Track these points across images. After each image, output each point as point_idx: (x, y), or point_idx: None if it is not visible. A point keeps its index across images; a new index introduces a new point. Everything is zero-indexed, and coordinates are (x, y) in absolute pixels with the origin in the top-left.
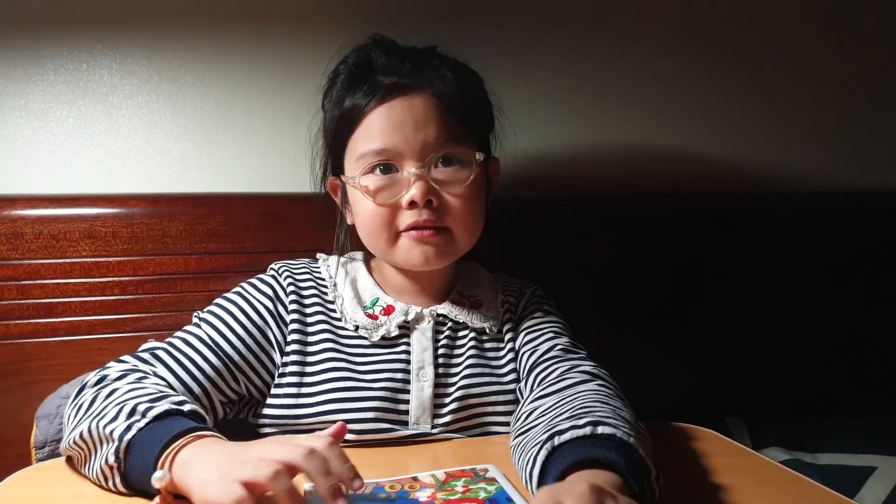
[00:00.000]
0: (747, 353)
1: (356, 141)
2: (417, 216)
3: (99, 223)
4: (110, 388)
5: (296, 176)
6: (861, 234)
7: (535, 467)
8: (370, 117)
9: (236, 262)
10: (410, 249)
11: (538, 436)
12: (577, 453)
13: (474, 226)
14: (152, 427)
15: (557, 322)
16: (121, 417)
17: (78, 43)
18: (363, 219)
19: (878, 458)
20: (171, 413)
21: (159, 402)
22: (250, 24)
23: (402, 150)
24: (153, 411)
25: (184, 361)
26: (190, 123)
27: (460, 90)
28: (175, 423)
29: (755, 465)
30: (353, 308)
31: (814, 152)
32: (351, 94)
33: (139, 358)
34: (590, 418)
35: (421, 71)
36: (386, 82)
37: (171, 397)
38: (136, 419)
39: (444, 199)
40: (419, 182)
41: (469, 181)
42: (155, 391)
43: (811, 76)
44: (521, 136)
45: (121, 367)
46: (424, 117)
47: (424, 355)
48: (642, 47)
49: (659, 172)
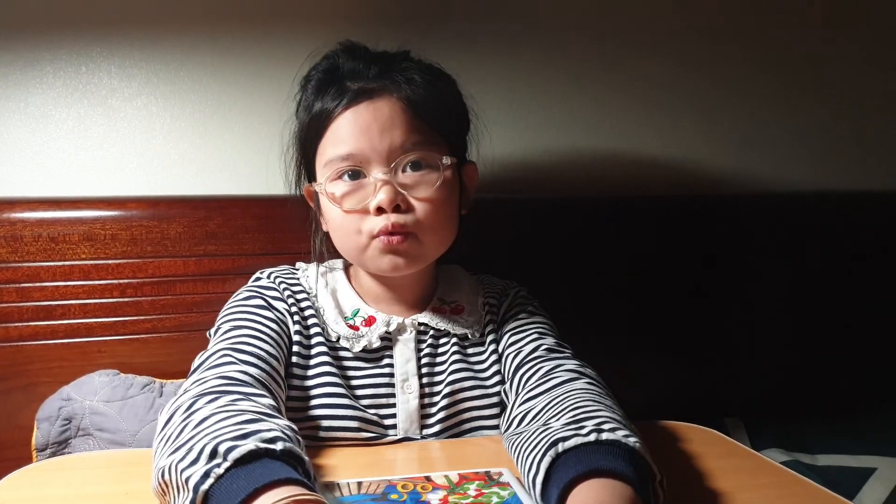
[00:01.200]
0: (746, 355)
1: (324, 146)
2: (386, 221)
3: (98, 226)
4: (201, 416)
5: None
6: (860, 233)
7: (539, 475)
8: (337, 122)
9: (235, 264)
10: (379, 257)
11: (537, 439)
12: (583, 463)
13: (444, 230)
14: (233, 474)
15: (542, 322)
16: (201, 461)
17: (77, 46)
18: (333, 225)
19: (877, 459)
20: (259, 455)
21: (245, 440)
22: (249, 27)
23: (369, 155)
24: (235, 452)
25: (253, 351)
26: (189, 126)
27: (429, 93)
28: (258, 472)
29: (756, 466)
30: (335, 319)
31: (810, 153)
32: (319, 99)
33: (226, 357)
34: (591, 424)
35: (388, 74)
36: (353, 87)
37: (263, 431)
38: (216, 463)
39: (412, 203)
40: (386, 187)
41: (437, 185)
42: (249, 417)
43: (801, 78)
44: (511, 137)
45: (216, 381)
46: (390, 121)
47: (408, 367)
48: (630, 49)
49: (652, 174)
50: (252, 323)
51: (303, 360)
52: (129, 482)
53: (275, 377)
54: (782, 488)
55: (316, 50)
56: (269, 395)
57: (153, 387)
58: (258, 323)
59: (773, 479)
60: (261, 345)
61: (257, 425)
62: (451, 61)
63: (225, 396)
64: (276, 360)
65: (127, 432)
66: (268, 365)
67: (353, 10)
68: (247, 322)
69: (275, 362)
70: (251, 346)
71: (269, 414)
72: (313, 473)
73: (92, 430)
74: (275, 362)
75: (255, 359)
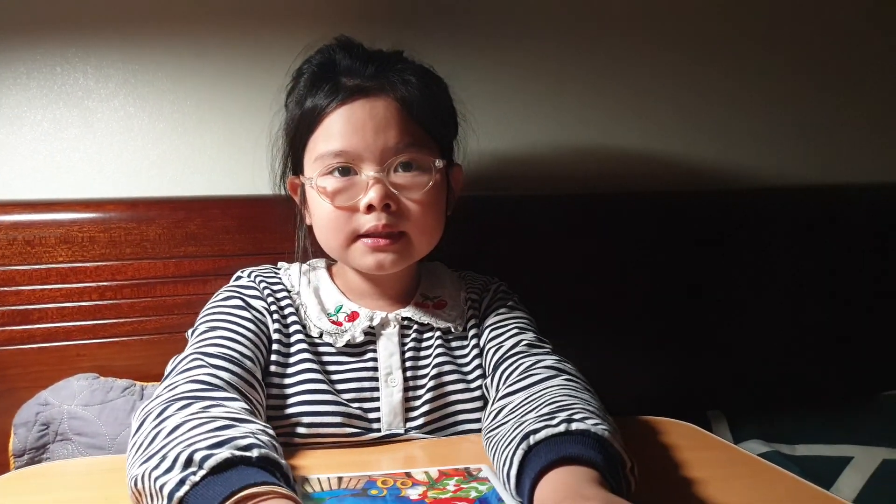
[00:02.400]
0: (728, 349)
1: (316, 141)
2: (375, 220)
3: (75, 228)
4: (173, 424)
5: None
6: (838, 228)
7: (513, 468)
8: (330, 118)
9: (216, 265)
10: (364, 256)
11: (510, 435)
12: (552, 452)
13: (432, 231)
14: (209, 482)
15: (522, 317)
16: (175, 469)
17: (51, 46)
18: (320, 220)
19: (854, 448)
20: (235, 462)
21: (220, 448)
22: (227, 27)
23: (362, 153)
24: (211, 461)
25: (225, 353)
26: (167, 126)
27: (423, 95)
28: (235, 477)
29: (733, 459)
30: (317, 315)
31: (792, 149)
32: (313, 94)
33: (196, 361)
34: (563, 416)
35: (384, 74)
36: (348, 84)
37: (238, 438)
38: (192, 471)
39: (403, 203)
40: (377, 186)
41: (428, 187)
42: (222, 423)
43: (786, 73)
44: (492, 135)
45: (186, 386)
46: (385, 121)
47: (391, 360)
48: (619, 46)
49: (633, 170)
50: (227, 324)
51: (282, 359)
52: (108, 488)
53: (248, 379)
54: (754, 478)
55: (308, 45)
56: (240, 398)
57: (133, 390)
58: (233, 324)
59: (746, 470)
60: (235, 346)
61: (231, 431)
62: (438, 60)
63: (196, 403)
64: (250, 361)
65: (106, 436)
66: (241, 367)
67: (336, 11)
68: (222, 323)
69: (249, 363)
70: (224, 349)
71: (242, 418)
72: (292, 476)
73: (70, 435)
74: (249, 363)
75: (227, 362)
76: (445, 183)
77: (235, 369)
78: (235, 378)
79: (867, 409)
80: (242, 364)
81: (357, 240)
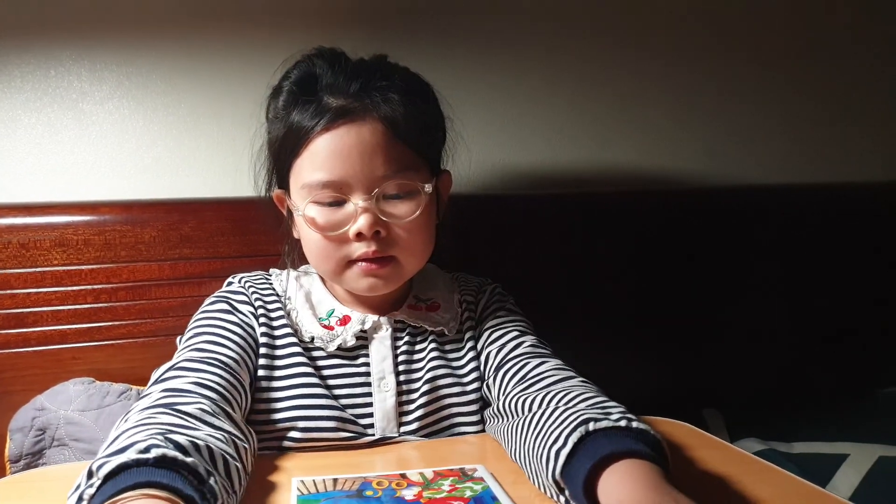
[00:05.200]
0: (722, 346)
1: (301, 166)
2: (366, 247)
3: (70, 231)
4: (114, 435)
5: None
6: (830, 226)
7: (565, 448)
8: (316, 143)
9: (211, 267)
10: (358, 279)
11: (560, 416)
12: (619, 444)
13: (422, 252)
14: (101, 490)
15: (521, 321)
16: (81, 485)
17: (45, 49)
18: (310, 246)
19: (850, 446)
20: (130, 466)
21: (120, 455)
22: (221, 29)
23: (349, 182)
24: (104, 469)
25: (210, 358)
26: (162, 129)
27: (410, 113)
28: (120, 482)
29: (729, 458)
30: (309, 320)
31: (784, 148)
32: (296, 111)
33: (175, 371)
34: (617, 412)
35: (369, 93)
36: (333, 105)
37: (140, 442)
38: (90, 483)
39: (392, 229)
40: (366, 214)
41: (417, 213)
42: (157, 430)
43: (776, 74)
44: (481, 135)
45: (157, 395)
46: (372, 147)
47: (384, 365)
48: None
49: (625, 169)
50: (213, 328)
51: (270, 362)
52: None
53: (232, 382)
54: (751, 477)
55: (290, 56)
56: (205, 401)
57: (130, 394)
58: (219, 328)
59: (743, 469)
60: (219, 350)
61: (143, 437)
62: (425, 64)
63: (151, 409)
64: (236, 364)
65: (103, 442)
66: (224, 369)
67: (327, 14)
68: (208, 328)
69: (235, 365)
70: (207, 353)
71: (186, 425)
72: (205, 471)
73: (67, 441)
74: (235, 365)
75: (209, 365)
76: (435, 197)
77: (219, 371)
78: (217, 379)
79: (863, 406)
80: (226, 366)
81: (349, 265)
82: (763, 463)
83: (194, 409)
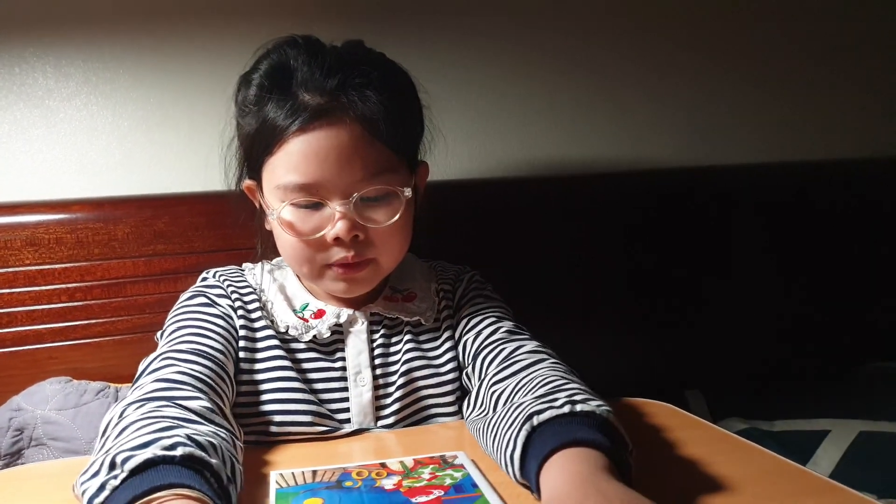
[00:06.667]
0: (702, 327)
1: (275, 165)
2: (345, 251)
3: (41, 230)
4: (122, 427)
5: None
6: (807, 204)
7: (517, 450)
8: (291, 144)
9: (186, 262)
10: (335, 282)
11: (510, 417)
12: (560, 434)
13: (401, 251)
14: (127, 485)
15: (498, 307)
16: (101, 473)
17: (8, 46)
18: (286, 249)
19: (830, 422)
20: (157, 462)
21: (144, 449)
22: (188, 22)
23: (326, 185)
24: (131, 462)
25: (196, 349)
26: (132, 124)
27: (389, 110)
28: (148, 479)
29: (710, 437)
30: (284, 310)
31: (765, 127)
32: (271, 108)
33: (165, 360)
34: (563, 397)
35: (346, 91)
36: (309, 103)
37: (164, 439)
38: (114, 475)
39: (370, 233)
40: (344, 220)
41: (396, 217)
42: (167, 424)
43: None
44: (459, 123)
45: (151, 386)
46: (349, 151)
47: (360, 359)
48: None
49: (607, 153)
50: (196, 321)
51: (250, 355)
52: None
53: (219, 373)
54: (733, 454)
55: (262, 45)
56: (204, 397)
57: (108, 392)
58: (202, 320)
59: (725, 447)
60: (204, 341)
61: (168, 432)
62: (403, 53)
63: (151, 403)
64: (222, 355)
65: (82, 440)
66: (211, 360)
67: (300, 6)
68: (190, 321)
69: (221, 356)
70: (194, 345)
71: (192, 419)
72: (227, 475)
73: (45, 440)
74: (221, 356)
75: (197, 356)
76: (413, 195)
77: (206, 363)
78: (206, 371)
79: (844, 383)
80: (213, 358)
81: (326, 268)
82: (744, 442)
83: (196, 404)
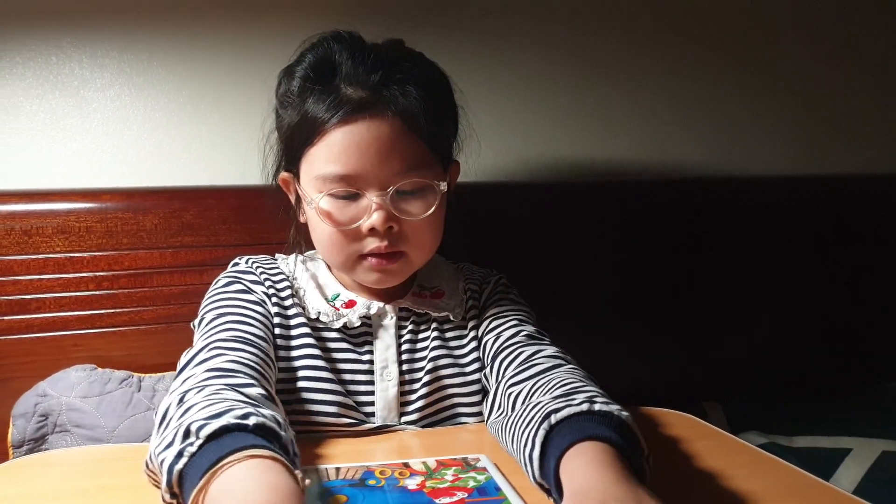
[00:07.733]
0: (723, 339)
1: (315, 156)
2: (378, 242)
3: (72, 218)
4: (186, 406)
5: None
6: (836, 218)
7: (535, 449)
8: (332, 135)
9: (212, 255)
10: (368, 273)
11: (528, 416)
12: (577, 431)
13: (432, 247)
14: (205, 450)
15: (522, 310)
16: (175, 443)
17: (46, 36)
18: (321, 238)
19: (852, 440)
20: (231, 429)
21: (219, 418)
22: (223, 16)
23: (365, 177)
24: (207, 429)
25: (240, 336)
26: (163, 116)
27: (427, 107)
28: (226, 443)
29: (732, 449)
30: (316, 297)
31: (785, 139)
32: (313, 100)
33: (213, 350)
34: (582, 396)
35: (388, 86)
36: (352, 97)
37: (236, 409)
38: (189, 442)
39: (404, 225)
40: (381, 211)
41: (430, 211)
42: (228, 405)
43: (773, 68)
44: (489, 125)
45: (204, 375)
46: (389, 144)
47: (388, 353)
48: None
49: (632, 160)
50: (235, 308)
51: (284, 342)
52: (105, 477)
53: (265, 359)
54: (754, 467)
55: (306, 41)
56: (257, 384)
57: (131, 381)
58: (240, 307)
59: (746, 459)
60: (247, 328)
61: (237, 405)
62: (441, 53)
63: (210, 388)
64: (264, 342)
65: (105, 428)
66: (256, 347)
67: (331, 3)
68: (230, 308)
69: (264, 343)
70: (237, 332)
71: (254, 404)
72: (293, 449)
73: (69, 427)
74: (264, 343)
75: (242, 344)
76: (446, 193)
77: (253, 350)
78: (254, 359)
79: (866, 401)
80: (257, 345)
81: (360, 259)
82: (764, 454)
83: (253, 392)
